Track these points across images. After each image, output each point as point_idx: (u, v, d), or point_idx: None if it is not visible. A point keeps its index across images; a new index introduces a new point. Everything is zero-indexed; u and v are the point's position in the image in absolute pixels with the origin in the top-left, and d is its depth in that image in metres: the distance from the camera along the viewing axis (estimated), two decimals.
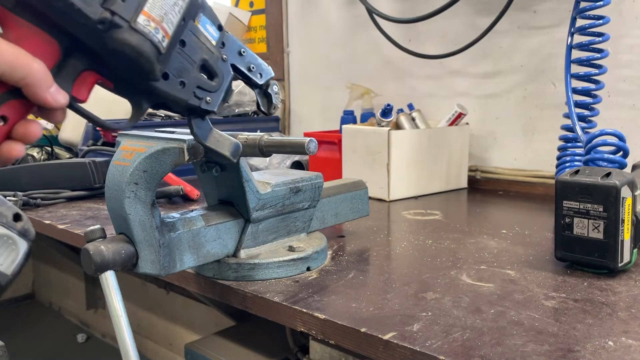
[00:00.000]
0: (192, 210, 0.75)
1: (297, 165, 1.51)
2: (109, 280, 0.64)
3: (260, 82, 0.65)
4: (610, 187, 0.73)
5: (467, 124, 1.43)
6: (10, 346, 1.26)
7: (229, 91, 0.60)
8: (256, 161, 1.51)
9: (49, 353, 2.38)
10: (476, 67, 1.48)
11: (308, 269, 0.80)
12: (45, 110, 0.47)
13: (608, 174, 0.75)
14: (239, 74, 0.62)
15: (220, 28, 0.58)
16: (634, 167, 0.90)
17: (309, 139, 0.67)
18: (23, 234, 0.42)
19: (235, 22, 1.99)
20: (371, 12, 1.57)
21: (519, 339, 0.58)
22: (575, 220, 0.76)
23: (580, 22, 1.03)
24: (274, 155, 1.07)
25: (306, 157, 1.51)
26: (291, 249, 0.80)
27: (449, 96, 1.54)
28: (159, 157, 0.66)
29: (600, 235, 0.74)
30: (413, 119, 1.37)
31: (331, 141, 1.44)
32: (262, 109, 0.68)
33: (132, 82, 0.51)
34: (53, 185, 1.29)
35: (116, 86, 0.52)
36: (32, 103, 0.45)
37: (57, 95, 0.45)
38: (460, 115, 1.38)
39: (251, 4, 2.09)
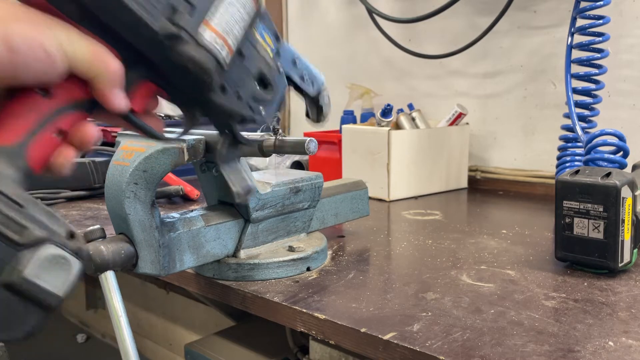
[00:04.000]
0: (192, 210, 0.75)
1: (297, 165, 1.51)
2: (109, 280, 0.64)
3: (312, 91, 0.64)
4: (611, 187, 0.73)
5: (467, 124, 1.43)
6: (10, 346, 1.26)
7: (282, 101, 0.58)
8: (256, 161, 1.51)
9: (49, 353, 2.38)
10: (476, 67, 1.48)
11: (308, 269, 0.80)
12: (105, 114, 0.45)
13: (608, 174, 0.75)
14: (290, 83, 0.61)
15: (277, 38, 0.57)
16: (634, 167, 0.90)
17: (309, 139, 0.67)
18: (77, 253, 0.40)
19: None
20: (371, 12, 1.57)
21: (519, 339, 0.58)
22: (576, 220, 0.76)
23: (580, 22, 1.03)
24: (273, 155, 1.07)
25: (306, 157, 1.51)
26: (291, 249, 0.80)
27: (449, 96, 1.54)
28: (158, 157, 0.66)
29: (600, 235, 0.74)
30: (413, 119, 1.37)
31: (331, 141, 1.44)
32: (311, 117, 0.66)
33: (189, 94, 0.50)
34: (53, 185, 1.29)
35: (172, 97, 0.51)
36: (89, 113, 0.44)
37: (120, 98, 0.43)
38: (460, 115, 1.38)
39: None
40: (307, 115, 0.67)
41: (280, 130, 0.71)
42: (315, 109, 0.66)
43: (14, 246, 0.36)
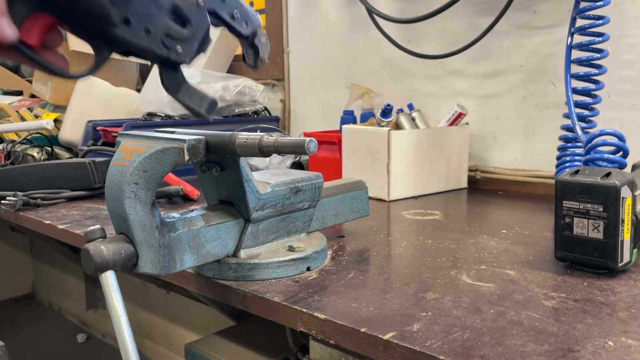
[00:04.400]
0: (192, 210, 0.75)
1: (297, 165, 1.51)
2: (109, 280, 0.64)
3: (246, 31, 0.60)
4: (610, 187, 0.73)
5: (467, 124, 1.43)
6: (10, 346, 1.26)
7: (205, 41, 0.55)
8: (256, 161, 1.51)
9: (49, 353, 2.38)
10: (476, 67, 1.48)
11: (308, 269, 0.80)
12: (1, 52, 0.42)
13: (608, 174, 0.75)
14: (220, 21, 0.57)
15: None
16: (634, 167, 0.90)
17: (309, 139, 0.67)
18: None
19: None
20: (371, 12, 1.57)
21: (519, 339, 0.58)
22: (575, 220, 0.76)
23: (580, 22, 1.03)
24: (274, 155, 1.07)
25: (306, 157, 1.51)
26: (291, 249, 0.80)
27: (449, 96, 1.54)
28: (159, 157, 0.66)
29: (600, 235, 0.74)
30: (413, 119, 1.38)
31: (331, 141, 1.44)
32: (248, 61, 0.63)
33: (90, 27, 0.46)
34: (53, 185, 1.29)
35: (74, 30, 0.47)
36: None
37: (6, 27, 0.40)
38: (460, 115, 1.38)
39: (251, 4, 2.10)
40: (244, 59, 0.63)
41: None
42: (252, 51, 0.62)
43: None
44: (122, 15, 0.45)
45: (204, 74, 1.74)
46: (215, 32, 2.00)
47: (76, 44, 1.95)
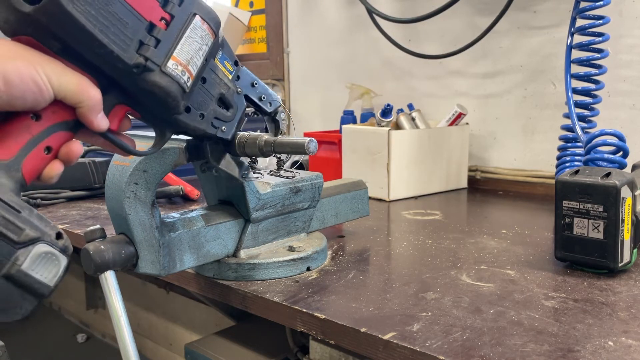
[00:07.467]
0: (192, 210, 0.75)
1: (296, 165, 1.51)
2: (109, 280, 0.64)
3: (270, 110, 0.73)
4: (610, 187, 0.73)
5: (467, 124, 1.43)
6: (10, 346, 1.26)
7: (242, 120, 0.67)
8: None
9: (49, 353, 2.38)
10: (476, 67, 1.48)
11: (308, 269, 0.80)
12: (87, 134, 0.52)
13: (608, 174, 0.75)
14: (250, 103, 0.70)
15: (236, 63, 0.65)
16: (634, 167, 0.90)
17: (309, 139, 0.67)
18: (64, 250, 0.46)
19: (235, 22, 1.99)
20: (371, 12, 1.57)
21: (519, 339, 0.58)
22: (575, 220, 0.76)
23: (580, 22, 1.03)
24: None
25: (306, 157, 1.51)
26: (291, 249, 0.80)
27: (449, 96, 1.54)
28: (159, 157, 0.66)
29: (600, 235, 0.74)
30: (413, 119, 1.38)
31: (331, 141, 1.44)
32: (270, 132, 0.76)
33: (158, 115, 0.57)
34: (53, 185, 1.29)
35: (143, 117, 0.57)
36: (74, 133, 0.50)
37: (102, 120, 0.50)
38: (460, 115, 1.38)
39: (251, 4, 2.10)
40: (266, 130, 0.76)
41: (283, 160, 0.80)
42: (273, 125, 0.76)
43: (13, 244, 0.42)
44: (185, 106, 0.57)
45: None
46: None
47: None
